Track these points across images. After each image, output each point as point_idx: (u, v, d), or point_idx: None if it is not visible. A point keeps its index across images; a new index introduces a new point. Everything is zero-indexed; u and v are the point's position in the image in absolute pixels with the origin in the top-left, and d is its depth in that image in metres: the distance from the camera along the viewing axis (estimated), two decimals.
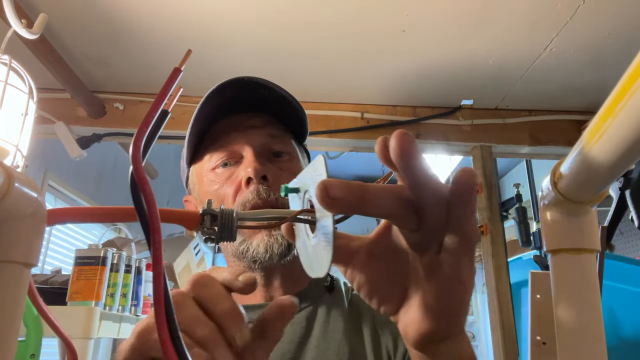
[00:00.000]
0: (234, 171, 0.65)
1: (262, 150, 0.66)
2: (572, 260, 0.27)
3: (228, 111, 0.69)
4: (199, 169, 0.70)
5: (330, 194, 0.27)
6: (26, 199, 0.26)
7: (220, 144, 0.67)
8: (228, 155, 0.66)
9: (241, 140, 0.66)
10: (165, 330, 0.25)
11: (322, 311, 0.65)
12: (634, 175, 0.89)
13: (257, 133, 0.67)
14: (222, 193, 0.65)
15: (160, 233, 0.26)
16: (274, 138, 0.67)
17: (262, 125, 0.68)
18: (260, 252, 0.61)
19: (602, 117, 0.20)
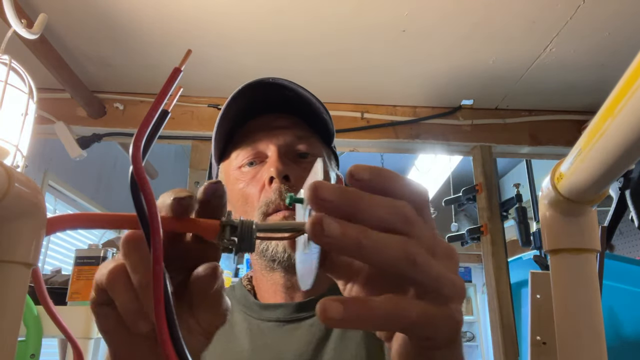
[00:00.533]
0: (259, 170, 0.66)
1: (287, 150, 0.66)
2: (572, 260, 0.27)
3: (256, 111, 0.69)
4: (227, 167, 0.71)
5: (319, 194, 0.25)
6: (26, 199, 0.26)
7: (246, 143, 0.68)
8: (254, 155, 0.67)
9: (267, 140, 0.66)
10: (166, 331, 0.24)
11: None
12: (634, 175, 0.89)
13: (283, 133, 0.67)
14: (246, 192, 0.66)
15: (160, 233, 0.26)
16: (300, 139, 0.68)
17: (288, 126, 0.68)
18: (279, 252, 0.62)
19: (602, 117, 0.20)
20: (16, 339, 0.26)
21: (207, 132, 1.79)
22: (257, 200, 0.64)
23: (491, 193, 1.76)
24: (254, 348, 0.63)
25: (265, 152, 0.66)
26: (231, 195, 0.68)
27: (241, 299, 0.71)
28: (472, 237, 1.75)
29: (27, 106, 1.01)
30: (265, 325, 0.65)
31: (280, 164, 0.63)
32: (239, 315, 0.68)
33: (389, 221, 0.26)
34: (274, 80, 0.67)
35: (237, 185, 0.67)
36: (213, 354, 0.63)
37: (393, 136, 1.82)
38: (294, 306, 0.65)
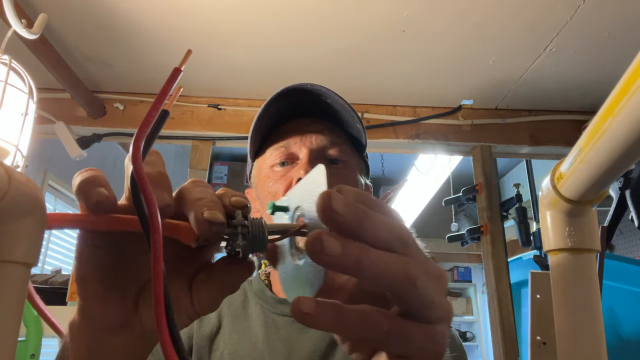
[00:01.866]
0: (289, 170, 0.68)
1: (319, 155, 0.69)
2: (572, 260, 0.27)
3: (293, 114, 0.72)
4: (260, 164, 0.73)
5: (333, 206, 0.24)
6: (26, 199, 0.26)
7: (281, 143, 0.70)
8: (286, 156, 0.69)
9: (300, 143, 0.69)
10: (166, 331, 0.24)
11: None
12: (634, 175, 0.89)
13: (316, 138, 0.69)
14: (274, 190, 0.68)
15: (160, 233, 0.26)
16: (332, 145, 0.70)
17: (322, 131, 0.70)
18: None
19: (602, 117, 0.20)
20: (16, 339, 0.26)
21: (207, 132, 1.79)
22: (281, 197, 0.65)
23: (491, 193, 1.76)
24: (268, 340, 0.64)
25: (297, 153, 0.69)
26: (260, 192, 0.71)
27: (258, 291, 0.72)
28: (472, 237, 1.75)
29: (27, 106, 1.01)
30: (280, 319, 0.67)
31: (309, 166, 0.65)
32: (255, 308, 0.70)
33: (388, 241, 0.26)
34: (313, 86, 0.69)
35: (267, 182, 0.69)
36: (229, 342, 0.65)
37: (393, 136, 1.82)
38: None
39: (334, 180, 0.66)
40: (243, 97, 1.83)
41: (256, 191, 0.74)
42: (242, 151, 3.01)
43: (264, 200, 0.70)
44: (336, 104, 0.70)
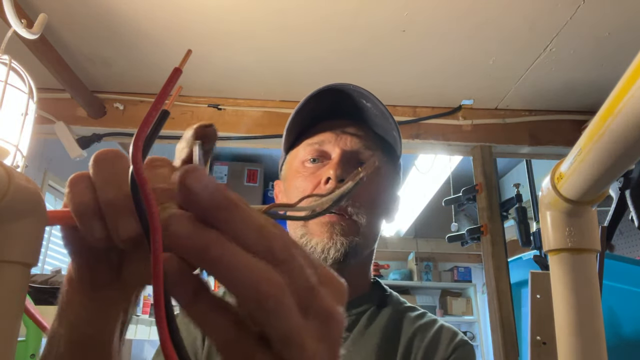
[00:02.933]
0: (320, 168, 0.69)
1: (351, 157, 0.69)
2: (572, 260, 0.27)
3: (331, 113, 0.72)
4: (293, 158, 0.74)
5: (188, 181, 0.21)
6: (26, 199, 0.26)
7: (315, 139, 0.71)
8: (319, 153, 0.70)
9: (334, 143, 0.69)
10: (166, 331, 0.24)
11: (362, 323, 0.67)
12: (634, 175, 0.89)
13: (351, 140, 0.70)
14: (302, 186, 0.69)
15: (160, 233, 0.26)
16: (366, 149, 0.70)
17: (358, 134, 0.70)
18: (317, 252, 0.64)
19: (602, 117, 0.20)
20: (16, 339, 0.26)
21: None
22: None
23: (491, 193, 1.76)
24: None
25: (330, 152, 0.69)
26: (289, 186, 0.72)
27: None
28: (472, 237, 1.75)
29: (27, 106, 1.01)
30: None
31: (339, 167, 0.65)
32: None
33: (251, 242, 0.22)
34: (354, 87, 0.69)
35: (297, 177, 0.70)
36: None
37: None
38: None
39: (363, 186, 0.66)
40: (243, 97, 1.83)
41: (285, 184, 0.75)
42: (242, 151, 3.01)
43: (290, 195, 0.71)
44: (376, 109, 0.70)
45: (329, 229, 0.65)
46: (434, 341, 0.66)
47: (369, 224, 0.68)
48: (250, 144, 1.84)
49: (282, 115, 1.81)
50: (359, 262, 0.68)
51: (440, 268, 4.00)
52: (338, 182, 0.64)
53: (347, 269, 0.66)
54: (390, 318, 0.68)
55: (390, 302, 0.71)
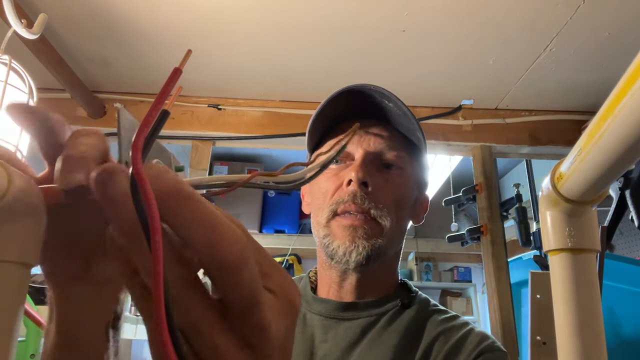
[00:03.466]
0: (342, 169, 0.68)
1: (374, 158, 0.68)
2: (572, 260, 0.27)
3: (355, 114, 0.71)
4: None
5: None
6: (26, 199, 0.26)
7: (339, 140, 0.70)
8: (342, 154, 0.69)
9: (357, 144, 0.68)
10: (166, 331, 0.24)
11: (381, 324, 0.66)
12: (634, 175, 0.89)
13: (374, 140, 0.69)
14: (324, 187, 0.68)
15: (160, 233, 0.26)
16: (390, 150, 0.69)
17: (382, 134, 0.70)
18: (338, 254, 0.64)
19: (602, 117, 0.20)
20: (16, 339, 0.26)
21: (207, 132, 1.79)
22: (330, 197, 0.67)
23: (491, 193, 1.76)
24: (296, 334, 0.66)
25: (353, 153, 0.69)
26: (313, 187, 0.72)
27: (302, 288, 0.74)
28: (472, 237, 1.75)
29: None
30: (310, 317, 0.68)
31: (362, 170, 0.65)
32: None
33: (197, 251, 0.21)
34: (375, 88, 0.69)
35: (320, 178, 0.70)
36: None
37: None
38: (337, 304, 0.67)
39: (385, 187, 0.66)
40: (243, 97, 1.83)
41: (309, 185, 0.74)
42: (242, 151, 3.01)
43: (314, 195, 0.71)
44: (398, 109, 0.69)
45: (351, 232, 0.64)
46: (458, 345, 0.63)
47: (393, 226, 0.67)
48: (250, 144, 1.84)
49: (282, 115, 1.81)
50: (383, 263, 0.67)
51: (440, 268, 4.00)
52: (360, 184, 0.64)
53: (371, 271, 0.66)
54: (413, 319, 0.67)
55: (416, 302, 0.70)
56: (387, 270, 0.71)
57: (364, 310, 0.67)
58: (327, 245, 0.65)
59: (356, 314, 0.66)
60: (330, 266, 0.68)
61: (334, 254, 0.64)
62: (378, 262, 0.65)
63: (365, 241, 0.64)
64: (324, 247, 0.66)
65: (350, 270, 0.66)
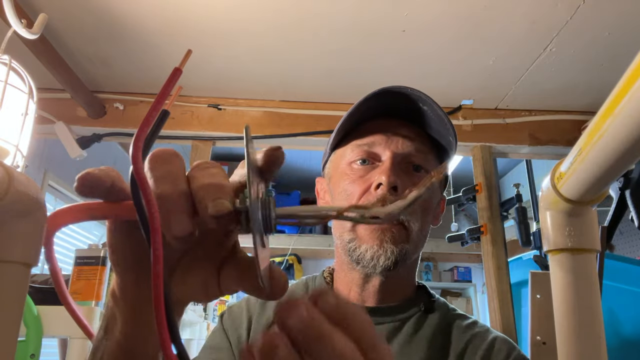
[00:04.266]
0: (369, 171, 0.66)
1: (402, 160, 0.66)
2: (572, 260, 0.27)
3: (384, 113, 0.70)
4: (339, 157, 0.71)
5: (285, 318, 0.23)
6: (26, 199, 0.26)
7: (365, 141, 0.68)
8: (368, 154, 0.67)
9: (385, 145, 0.67)
10: (166, 331, 0.24)
11: (408, 330, 0.65)
12: (634, 175, 0.89)
13: (403, 142, 0.67)
14: (350, 190, 0.66)
15: (160, 233, 0.26)
16: (418, 152, 0.67)
17: (410, 136, 0.68)
18: (366, 259, 0.63)
19: (602, 117, 0.20)
20: (16, 339, 0.26)
21: (207, 132, 1.79)
22: (357, 200, 0.65)
23: (491, 193, 1.76)
24: None
25: (380, 154, 0.67)
26: (334, 187, 0.70)
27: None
28: (472, 237, 1.75)
29: (27, 106, 1.01)
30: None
31: (392, 173, 0.63)
32: None
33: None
34: (412, 91, 0.67)
35: (343, 179, 0.68)
36: None
37: None
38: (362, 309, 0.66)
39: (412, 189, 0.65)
40: (243, 97, 1.82)
41: (329, 184, 0.73)
42: (242, 151, 3.01)
43: (337, 196, 0.69)
44: (432, 112, 0.68)
45: (379, 236, 0.63)
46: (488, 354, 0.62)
47: (419, 231, 0.66)
48: None
49: (282, 115, 1.81)
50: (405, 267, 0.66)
51: (440, 268, 4.00)
52: (390, 188, 0.62)
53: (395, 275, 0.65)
54: (438, 325, 0.66)
55: (438, 307, 0.69)
56: (409, 274, 0.70)
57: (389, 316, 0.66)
58: (354, 250, 0.64)
59: (381, 319, 0.66)
60: (352, 269, 0.67)
61: (360, 258, 0.63)
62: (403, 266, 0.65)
63: (394, 245, 0.62)
64: (349, 251, 0.65)
65: (375, 274, 0.65)
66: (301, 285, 0.75)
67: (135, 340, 0.34)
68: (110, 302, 0.34)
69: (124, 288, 0.33)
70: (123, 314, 0.34)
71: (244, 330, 0.68)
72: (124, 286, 0.33)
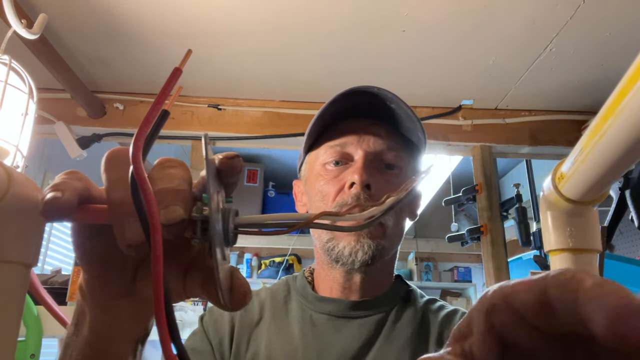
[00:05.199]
0: (342, 171, 0.68)
1: (374, 159, 0.68)
2: (573, 260, 0.26)
3: (355, 113, 0.71)
4: (313, 159, 0.73)
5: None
6: (26, 199, 0.26)
7: (337, 142, 0.69)
8: (341, 155, 0.68)
9: (357, 144, 0.68)
10: (166, 331, 0.24)
11: (391, 319, 0.68)
12: (634, 175, 0.89)
13: (374, 141, 0.68)
14: (325, 190, 0.68)
15: (160, 233, 0.26)
16: (390, 150, 0.69)
17: (381, 135, 0.69)
18: (344, 255, 0.64)
19: (603, 117, 0.20)
20: (16, 339, 0.26)
21: (207, 132, 1.79)
22: (332, 200, 0.66)
23: (491, 193, 1.76)
24: (303, 336, 0.66)
25: (352, 154, 0.68)
26: (310, 189, 0.71)
27: (300, 288, 0.73)
28: (472, 237, 1.75)
29: (27, 106, 1.01)
30: (318, 317, 0.68)
31: (365, 172, 0.64)
32: (295, 304, 0.71)
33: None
34: (379, 90, 0.69)
35: (318, 180, 0.69)
36: (266, 335, 0.67)
37: None
38: (347, 303, 0.68)
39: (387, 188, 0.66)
40: (243, 97, 1.82)
41: (305, 186, 0.74)
42: (242, 151, 3.01)
43: (313, 197, 0.70)
44: (400, 110, 0.69)
45: (356, 232, 0.64)
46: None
47: (395, 226, 0.67)
48: (250, 144, 1.84)
49: (282, 115, 1.81)
50: (384, 262, 0.68)
51: (440, 268, 4.00)
52: (363, 187, 0.63)
53: (374, 270, 0.67)
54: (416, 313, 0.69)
55: (414, 296, 0.73)
56: (388, 268, 0.73)
57: (373, 308, 0.68)
58: (332, 249, 0.65)
59: (367, 312, 0.68)
60: (333, 267, 0.68)
61: (339, 255, 0.65)
62: (381, 261, 0.66)
63: (371, 240, 0.64)
64: (327, 250, 0.66)
65: (355, 270, 0.67)
66: (282, 285, 0.76)
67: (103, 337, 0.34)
68: (79, 297, 0.34)
69: (91, 282, 0.33)
70: (91, 309, 0.33)
71: (227, 333, 0.68)
72: (90, 281, 0.33)
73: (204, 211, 0.26)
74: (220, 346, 0.67)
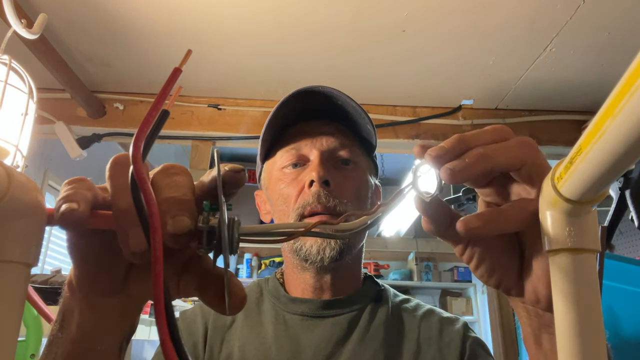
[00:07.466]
0: (300, 173, 0.69)
1: (330, 156, 0.69)
2: (572, 260, 0.27)
3: (304, 116, 0.72)
4: (270, 166, 0.74)
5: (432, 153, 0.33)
6: (26, 199, 0.26)
7: (291, 146, 0.70)
8: (297, 157, 0.69)
9: (311, 145, 0.69)
10: (166, 331, 0.24)
11: (365, 318, 0.68)
12: (634, 175, 0.89)
13: (327, 140, 0.69)
14: (286, 193, 0.68)
15: (160, 233, 0.26)
16: (343, 147, 0.70)
17: (333, 133, 0.70)
18: (312, 253, 0.65)
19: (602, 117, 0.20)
20: (16, 339, 0.26)
21: (207, 132, 1.79)
22: (294, 201, 0.67)
23: None
24: (277, 336, 0.66)
25: (308, 155, 0.69)
26: (272, 194, 0.72)
27: (272, 289, 0.73)
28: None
29: (27, 106, 1.01)
30: (290, 317, 0.68)
31: (321, 169, 0.65)
32: (268, 305, 0.71)
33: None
34: (324, 88, 0.69)
35: (278, 185, 0.70)
36: (239, 336, 0.67)
37: (393, 136, 1.82)
38: (320, 303, 0.68)
39: (345, 183, 0.67)
40: (243, 97, 1.83)
41: (267, 193, 0.75)
42: (242, 151, 3.01)
43: (275, 202, 0.70)
44: (347, 106, 0.70)
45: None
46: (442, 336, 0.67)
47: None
48: (250, 144, 1.84)
49: None
50: (352, 258, 0.69)
51: (440, 268, 4.00)
52: (322, 184, 0.64)
53: (343, 266, 0.68)
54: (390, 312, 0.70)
55: (386, 296, 0.73)
56: (356, 264, 0.73)
57: (346, 307, 0.69)
58: (300, 249, 0.66)
59: (339, 310, 0.68)
60: (303, 268, 0.69)
61: (308, 255, 0.65)
62: (349, 256, 0.67)
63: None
64: (296, 251, 0.67)
65: (324, 268, 0.67)
66: (254, 287, 0.77)
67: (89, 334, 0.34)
68: (67, 293, 0.34)
69: (81, 279, 0.33)
70: (79, 306, 0.33)
71: (200, 336, 0.68)
72: (81, 278, 0.33)
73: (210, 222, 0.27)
74: (195, 349, 0.67)
